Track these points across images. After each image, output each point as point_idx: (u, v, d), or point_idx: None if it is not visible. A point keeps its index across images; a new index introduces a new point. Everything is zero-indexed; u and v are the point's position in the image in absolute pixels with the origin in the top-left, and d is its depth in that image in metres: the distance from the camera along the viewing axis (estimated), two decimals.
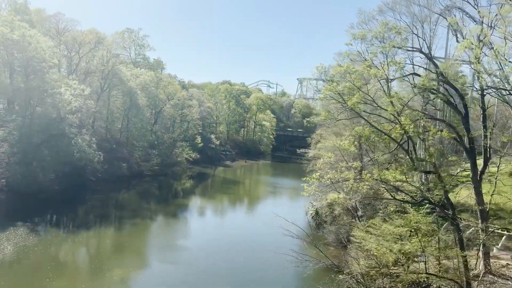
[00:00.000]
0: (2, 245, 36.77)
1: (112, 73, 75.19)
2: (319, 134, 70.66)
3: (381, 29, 22.22)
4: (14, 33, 61.50)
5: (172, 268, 37.83)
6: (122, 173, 76.30)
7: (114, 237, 46.57)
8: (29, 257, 35.49)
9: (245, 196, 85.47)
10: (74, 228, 48.98)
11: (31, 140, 59.93)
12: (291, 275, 35.69)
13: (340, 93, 21.60)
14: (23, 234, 40.89)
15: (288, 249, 49.08)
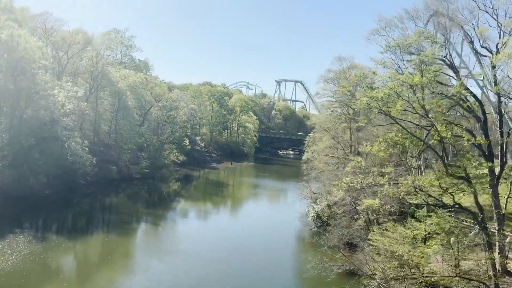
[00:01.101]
0: (6, 254, 35.52)
1: (101, 75, 73.71)
2: (313, 137, 71.40)
3: (416, 38, 22.63)
4: (2, 33, 59.59)
5: (169, 272, 37.31)
6: (111, 176, 74.98)
7: (114, 243, 45.62)
8: (38, 265, 34.44)
9: (237, 198, 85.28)
10: (74, 233, 47.96)
11: (22, 143, 58.10)
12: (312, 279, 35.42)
13: (382, 100, 21.75)
14: (24, 241, 39.61)
15: (290, 252, 49.77)
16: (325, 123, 59.45)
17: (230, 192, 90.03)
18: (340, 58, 53.38)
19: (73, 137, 60.85)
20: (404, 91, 21.17)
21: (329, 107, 57.21)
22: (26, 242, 39.58)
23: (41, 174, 58.16)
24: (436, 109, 22.20)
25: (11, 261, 34.27)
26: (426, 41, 22.92)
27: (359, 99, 22.91)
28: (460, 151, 26.28)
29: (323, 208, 51.52)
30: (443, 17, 26.91)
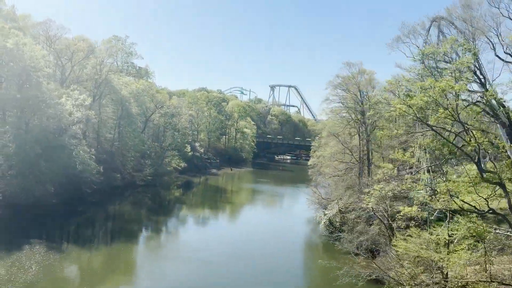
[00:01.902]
0: (25, 265, 35.14)
1: (105, 82, 73.41)
2: (319, 142, 71.67)
3: (449, 45, 22.96)
4: (8, 41, 59.16)
5: (180, 279, 37.17)
6: (116, 184, 74.56)
7: (123, 250, 45.25)
8: (59, 276, 34.13)
9: (242, 205, 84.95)
10: (85, 242, 47.68)
11: (28, 152, 57.55)
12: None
13: (421, 108, 21.95)
14: (41, 251, 39.24)
15: (305, 259, 49.71)
16: (333, 128, 59.67)
17: (233, 198, 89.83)
18: (348, 63, 53.79)
19: (81, 146, 60.35)
20: (438, 98, 21.40)
21: (338, 112, 57.45)
22: (43, 252, 39.21)
23: (48, 183, 57.65)
24: (470, 116, 22.52)
25: (32, 272, 33.92)
26: (458, 49, 23.27)
27: (393, 106, 23.06)
28: (494, 157, 26.55)
29: (334, 214, 51.61)
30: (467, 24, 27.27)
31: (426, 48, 23.99)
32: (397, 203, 34.75)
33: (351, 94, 53.73)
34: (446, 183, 24.35)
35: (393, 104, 23.17)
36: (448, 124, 23.70)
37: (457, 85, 21.10)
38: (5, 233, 45.81)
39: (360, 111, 53.22)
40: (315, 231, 60.68)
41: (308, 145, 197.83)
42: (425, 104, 21.34)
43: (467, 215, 24.40)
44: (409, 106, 21.50)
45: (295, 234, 59.52)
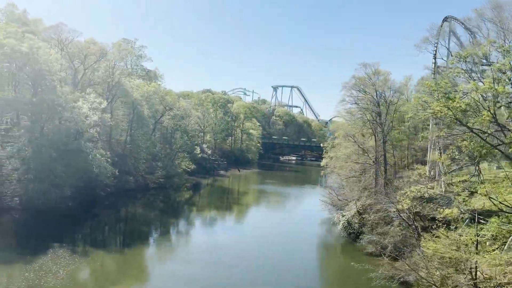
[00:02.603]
0: (53, 270, 35.19)
1: (117, 85, 73.54)
2: (331, 143, 71.70)
3: (488, 46, 23.05)
4: (23, 45, 59.27)
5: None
6: (129, 186, 74.72)
7: (145, 254, 45.50)
8: (86, 280, 34.21)
9: (255, 206, 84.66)
10: (106, 245, 47.68)
11: (44, 156, 57.67)
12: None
13: (464, 111, 22.04)
14: (65, 255, 39.28)
15: (325, 261, 49.62)
16: (347, 129, 59.71)
17: (244, 200, 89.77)
18: (364, 64, 53.87)
19: (96, 149, 60.47)
20: (480, 100, 21.50)
21: (353, 113, 57.53)
22: (67, 256, 39.26)
23: (65, 187, 57.75)
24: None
25: (60, 277, 33.97)
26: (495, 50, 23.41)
27: (430, 107, 23.14)
28: None
29: (353, 215, 51.63)
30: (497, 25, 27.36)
31: (465, 50, 24.03)
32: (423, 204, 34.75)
33: (368, 95, 53.78)
34: (485, 184, 24.40)
35: (432, 106, 23.20)
36: (485, 125, 23.76)
37: (500, 87, 21.17)
38: (27, 237, 45.95)
39: (377, 112, 53.26)
40: (330, 232, 60.59)
41: (313, 145, 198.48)
42: (466, 106, 21.46)
43: (501, 215, 24.44)
44: (449, 108, 21.57)
45: (310, 235, 59.47)
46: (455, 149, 24.42)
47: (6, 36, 61.31)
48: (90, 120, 56.92)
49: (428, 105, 23.88)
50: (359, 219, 50.47)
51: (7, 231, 48.82)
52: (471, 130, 23.11)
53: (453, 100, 21.89)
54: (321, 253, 51.84)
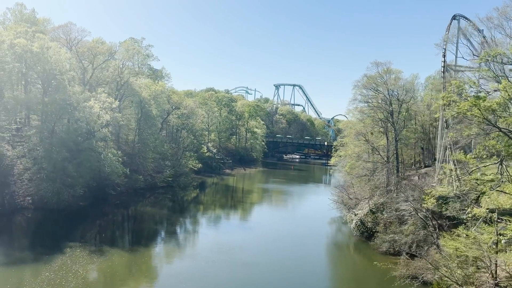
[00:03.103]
0: (73, 269, 35.33)
1: (126, 84, 73.55)
2: (340, 142, 71.82)
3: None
4: (33, 45, 59.30)
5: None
6: (138, 185, 74.79)
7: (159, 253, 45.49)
8: (107, 279, 34.31)
9: (265, 204, 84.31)
10: (126, 245, 47.80)
11: (56, 156, 57.69)
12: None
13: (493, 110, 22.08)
14: (83, 255, 39.47)
15: (340, 260, 49.54)
16: (359, 128, 59.71)
17: (253, 198, 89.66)
18: (376, 63, 53.83)
19: (108, 148, 60.54)
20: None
21: (365, 112, 57.50)
22: (85, 255, 39.44)
23: (77, 186, 57.82)
24: None
25: (80, 276, 34.11)
26: None
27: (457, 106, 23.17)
28: None
29: (366, 214, 51.65)
30: None
31: (492, 50, 24.06)
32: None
33: (380, 94, 53.78)
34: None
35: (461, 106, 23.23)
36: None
37: None
38: (43, 236, 46.22)
39: (389, 111, 53.26)
40: (341, 231, 60.75)
41: (317, 144, 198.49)
42: (497, 106, 21.53)
43: None
44: (478, 107, 21.60)
45: (322, 234, 59.52)
46: (482, 148, 24.44)
47: (17, 36, 61.47)
48: (103, 119, 56.90)
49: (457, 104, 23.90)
50: (372, 218, 50.46)
51: (22, 230, 49.12)
52: (500, 129, 23.21)
53: (483, 99, 21.97)
54: (336, 252, 51.82)
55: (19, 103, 63.15)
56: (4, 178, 58.44)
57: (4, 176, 58.66)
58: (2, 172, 58.84)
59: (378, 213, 50.75)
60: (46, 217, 53.49)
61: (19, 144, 63.50)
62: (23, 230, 49.09)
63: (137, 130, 78.70)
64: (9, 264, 35.99)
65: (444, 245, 32.16)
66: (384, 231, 46.67)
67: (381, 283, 38.52)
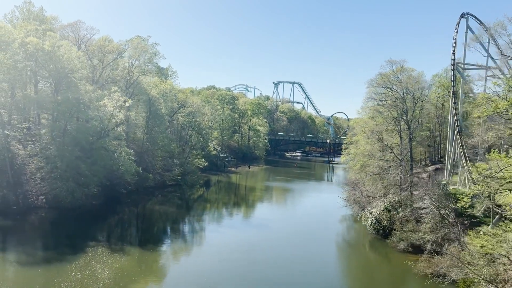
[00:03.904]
0: (98, 269, 35.36)
1: (136, 83, 73.38)
2: (351, 140, 72.01)
3: None
4: (45, 43, 59.03)
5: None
6: (148, 184, 74.79)
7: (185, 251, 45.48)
8: (132, 279, 34.34)
9: (275, 202, 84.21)
10: (145, 243, 47.20)
11: (69, 155, 57.61)
12: None
13: None
14: (106, 254, 39.51)
15: (358, 258, 49.39)
16: (371, 127, 59.84)
17: (263, 196, 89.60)
18: (391, 61, 53.94)
19: (121, 147, 60.45)
20: None
21: (379, 111, 57.62)
22: (107, 254, 39.51)
23: (91, 185, 57.76)
24: None
25: (107, 276, 34.16)
26: None
27: (494, 104, 23.33)
28: None
29: (380, 212, 51.83)
30: None
31: None
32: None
33: (394, 92, 53.94)
34: None
35: (497, 103, 23.38)
36: None
37: None
38: (61, 236, 46.21)
39: (404, 109, 53.42)
40: (354, 229, 60.80)
41: (319, 142, 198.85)
42: None
43: None
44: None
45: (336, 233, 59.69)
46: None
47: (27, 35, 61.14)
48: (116, 118, 56.77)
49: (496, 103, 24.09)
50: (387, 216, 50.65)
51: (40, 230, 49.02)
52: None
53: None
54: (352, 250, 51.82)
55: (30, 102, 62.92)
56: (17, 177, 58.44)
57: (16, 175, 58.64)
58: (15, 171, 58.82)
59: (393, 211, 51.00)
60: (61, 216, 53.38)
61: (31, 143, 63.36)
62: (41, 230, 49.01)
63: (146, 129, 78.53)
64: (34, 263, 36.02)
65: (470, 242, 32.36)
66: (401, 229, 46.87)
67: (403, 281, 38.87)
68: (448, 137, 65.34)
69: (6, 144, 57.33)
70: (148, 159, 78.68)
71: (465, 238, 35.53)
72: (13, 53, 58.66)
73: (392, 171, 56.01)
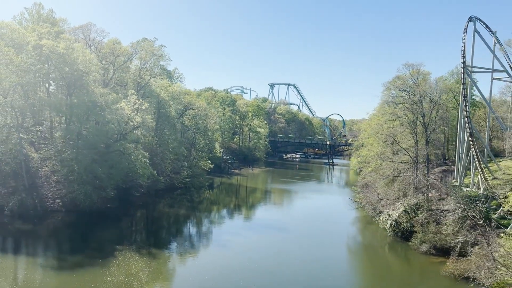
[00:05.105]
0: (131, 272, 35.35)
1: (147, 85, 73.22)
2: (361, 142, 72.52)
3: None
4: (59, 46, 58.65)
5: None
6: (159, 186, 74.57)
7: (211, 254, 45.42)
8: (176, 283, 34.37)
9: (288, 205, 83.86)
10: (170, 246, 47.81)
11: (85, 158, 57.27)
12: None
13: None
14: (135, 258, 39.54)
15: (379, 261, 49.48)
16: (386, 129, 60.35)
17: (273, 199, 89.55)
18: (408, 65, 54.52)
19: (137, 150, 60.30)
20: None
21: (396, 114, 58.09)
22: (137, 258, 39.53)
23: (108, 188, 57.55)
24: None
25: (143, 280, 34.18)
26: None
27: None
28: None
29: (399, 214, 52.25)
30: None
31: None
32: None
33: (411, 95, 54.49)
34: None
35: None
36: None
37: None
38: (86, 240, 45.92)
39: (422, 112, 53.98)
40: (370, 231, 60.84)
41: (319, 143, 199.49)
42: None
43: None
44: None
45: (350, 234, 60.16)
46: None
47: (40, 37, 60.74)
48: (134, 121, 56.61)
49: None
50: (407, 218, 51.07)
51: (62, 233, 48.79)
52: None
53: None
54: (372, 252, 51.73)
55: (44, 105, 62.58)
56: (31, 180, 58.02)
57: (31, 179, 58.26)
58: (31, 174, 58.40)
59: (412, 214, 51.44)
60: (80, 219, 53.17)
61: (44, 146, 62.95)
62: (63, 233, 48.77)
63: (156, 131, 78.32)
64: (67, 268, 35.96)
65: (503, 244, 32.86)
66: (423, 231, 47.33)
67: (432, 283, 39.26)
68: (458, 139, 65.97)
69: (20, 147, 56.92)
70: (158, 161, 78.44)
71: (495, 240, 35.97)
72: (27, 56, 58.33)
73: (408, 173, 56.57)
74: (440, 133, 64.83)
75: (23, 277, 34.19)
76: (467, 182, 63.34)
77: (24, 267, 36.72)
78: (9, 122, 56.72)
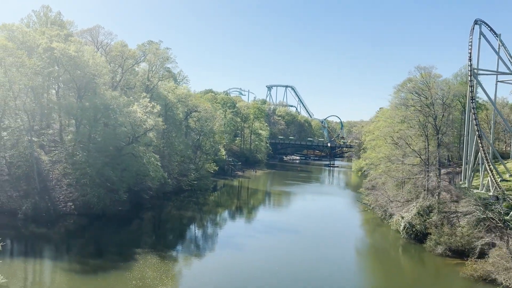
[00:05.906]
0: (156, 276, 35.35)
1: (154, 88, 73.20)
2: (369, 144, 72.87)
3: None
4: (70, 49, 58.54)
5: None
6: (167, 189, 74.49)
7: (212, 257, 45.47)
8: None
9: (296, 207, 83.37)
10: (188, 249, 47.79)
11: (97, 161, 57.11)
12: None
13: None
14: (156, 261, 39.53)
15: (391, 262, 49.52)
16: (396, 131, 60.71)
17: (280, 201, 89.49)
18: (419, 67, 54.92)
19: (148, 152, 60.26)
20: None
21: (408, 117, 58.44)
22: (158, 262, 39.60)
23: (120, 191, 57.44)
24: None
25: (168, 284, 34.18)
26: None
27: None
28: None
29: (412, 216, 52.54)
30: None
31: None
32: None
33: (423, 98, 54.86)
34: None
35: None
36: None
37: None
38: (104, 243, 45.95)
39: (433, 115, 54.35)
40: (381, 233, 61.04)
41: (320, 145, 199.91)
42: None
43: None
44: None
45: (361, 236, 60.53)
46: None
47: (51, 40, 60.58)
48: (147, 124, 56.62)
49: None
50: (420, 220, 51.36)
51: (79, 237, 48.62)
52: None
53: None
54: (387, 255, 51.77)
55: (56, 108, 62.34)
56: (43, 183, 57.80)
57: (43, 182, 58.04)
58: (42, 178, 58.18)
59: (424, 215, 51.76)
60: (93, 222, 53.09)
61: (54, 149, 62.70)
62: (80, 237, 48.61)
63: (164, 134, 78.26)
64: (90, 272, 35.95)
65: None
66: (437, 233, 47.62)
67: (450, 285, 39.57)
68: (465, 141, 66.43)
69: (31, 150, 56.75)
70: (166, 164, 78.34)
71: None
72: (38, 58, 58.18)
73: (420, 175, 56.93)
74: (450, 135, 65.21)
75: (46, 281, 34.16)
76: (475, 184, 63.98)
77: (48, 271, 36.77)
78: (20, 125, 56.65)
